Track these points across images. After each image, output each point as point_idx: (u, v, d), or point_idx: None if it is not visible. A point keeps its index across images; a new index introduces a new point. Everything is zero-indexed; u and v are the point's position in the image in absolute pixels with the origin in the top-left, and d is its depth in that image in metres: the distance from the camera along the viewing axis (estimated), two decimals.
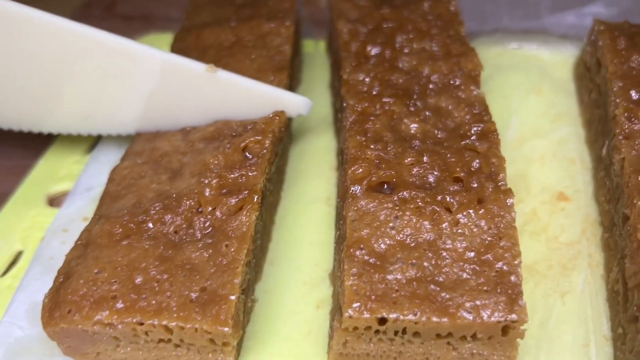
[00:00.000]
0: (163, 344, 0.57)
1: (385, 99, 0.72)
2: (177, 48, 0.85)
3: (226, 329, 0.53)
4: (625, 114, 0.70)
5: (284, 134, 0.75)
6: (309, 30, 1.05)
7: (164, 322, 0.54)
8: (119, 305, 0.55)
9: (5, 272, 0.72)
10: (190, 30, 0.89)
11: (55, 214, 0.77)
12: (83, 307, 0.55)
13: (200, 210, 0.61)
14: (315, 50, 1.03)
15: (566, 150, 0.81)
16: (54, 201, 0.81)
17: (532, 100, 0.88)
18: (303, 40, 1.03)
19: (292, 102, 0.74)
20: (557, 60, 0.95)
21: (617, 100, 0.72)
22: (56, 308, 0.56)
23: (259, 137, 0.67)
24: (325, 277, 0.69)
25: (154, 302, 0.55)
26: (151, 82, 0.74)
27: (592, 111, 0.82)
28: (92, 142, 0.88)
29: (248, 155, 0.66)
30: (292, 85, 0.92)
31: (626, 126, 0.69)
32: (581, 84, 0.88)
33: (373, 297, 0.55)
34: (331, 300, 0.66)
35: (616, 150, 0.68)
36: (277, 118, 0.71)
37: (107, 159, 0.82)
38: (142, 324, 0.54)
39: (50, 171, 0.83)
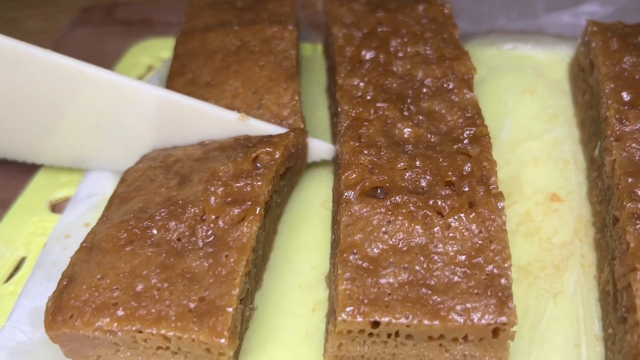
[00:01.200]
0: (161, 350, 0.58)
1: (379, 104, 0.73)
2: (181, 51, 0.86)
3: (222, 340, 0.54)
4: (617, 116, 0.71)
5: (300, 151, 0.76)
6: (306, 33, 1.06)
7: (162, 332, 0.55)
8: (120, 312, 0.56)
9: (8, 279, 0.74)
10: (193, 33, 0.90)
11: (57, 220, 0.79)
12: (85, 313, 0.57)
13: (204, 218, 0.62)
14: (313, 53, 1.05)
15: (560, 151, 0.82)
16: (56, 207, 0.82)
17: (526, 101, 0.89)
18: (301, 43, 1.04)
19: (315, 148, 0.78)
20: (552, 61, 0.95)
21: (609, 102, 0.72)
22: (59, 312, 0.58)
23: (270, 149, 0.68)
24: (322, 280, 0.70)
25: (153, 310, 0.56)
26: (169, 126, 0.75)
27: (586, 112, 0.83)
28: None
29: (258, 165, 0.67)
30: None
31: (617, 128, 0.70)
32: (575, 84, 0.89)
33: (366, 301, 0.57)
34: (327, 303, 0.68)
35: (607, 151, 0.69)
36: (292, 134, 0.72)
37: None
38: (141, 332, 0.56)
39: (52, 177, 0.85)
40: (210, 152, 0.71)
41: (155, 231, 0.62)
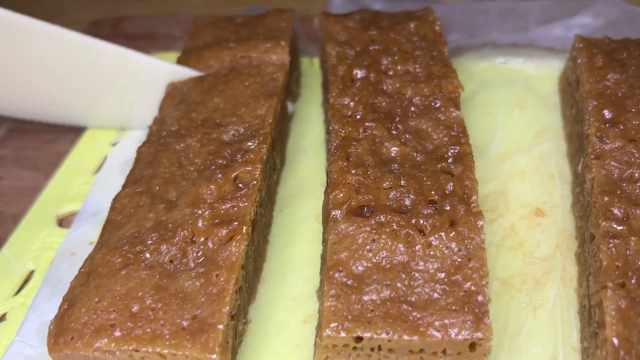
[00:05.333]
0: None
1: (367, 123, 0.76)
2: None
3: (214, 356, 0.58)
4: (597, 134, 0.73)
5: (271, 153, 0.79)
6: (304, 47, 1.09)
7: (158, 349, 0.59)
8: (117, 333, 0.60)
9: (18, 291, 0.78)
10: (191, 52, 0.94)
11: (64, 234, 0.83)
12: (84, 335, 0.60)
13: (193, 240, 0.66)
14: (310, 67, 1.08)
15: (547, 165, 0.84)
16: (63, 221, 0.86)
17: (516, 115, 0.91)
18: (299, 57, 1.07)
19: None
20: (543, 74, 0.98)
21: (591, 120, 0.75)
22: (60, 335, 0.61)
23: (249, 168, 0.71)
24: (313, 293, 0.73)
25: (148, 330, 0.59)
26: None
27: (573, 126, 0.85)
28: (99, 163, 0.93)
29: (240, 185, 0.71)
30: (290, 100, 0.97)
31: (597, 146, 0.72)
32: (564, 98, 0.92)
33: (350, 317, 0.60)
34: (317, 316, 0.71)
35: (588, 169, 0.72)
36: (265, 146, 0.75)
37: (112, 180, 0.87)
38: (137, 350, 0.59)
39: (60, 192, 0.89)
40: (190, 172, 0.73)
41: (148, 255, 0.65)
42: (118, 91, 0.93)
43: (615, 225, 0.63)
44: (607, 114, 0.75)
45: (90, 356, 0.60)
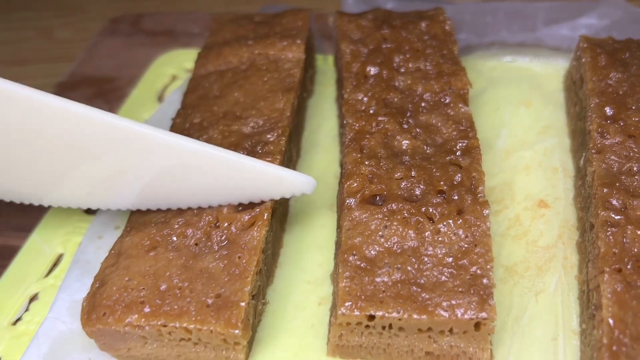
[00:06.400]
0: (184, 342, 0.66)
1: (380, 118, 0.80)
2: (198, 72, 0.94)
3: (236, 331, 0.62)
4: (599, 130, 0.77)
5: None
6: (318, 45, 1.13)
7: (184, 325, 0.63)
8: (146, 309, 0.64)
9: (48, 273, 0.83)
10: (212, 48, 0.98)
11: (91, 219, 0.88)
12: (116, 311, 0.65)
13: (217, 225, 0.70)
14: (325, 64, 1.12)
15: (550, 160, 0.88)
16: (89, 209, 0.91)
17: (522, 112, 0.95)
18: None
19: (297, 181, 0.72)
20: (549, 72, 1.02)
21: (593, 116, 0.79)
22: (93, 311, 0.66)
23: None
24: (327, 277, 0.78)
25: (176, 306, 0.64)
26: (145, 162, 0.70)
27: (576, 123, 0.89)
28: None
29: None
30: (304, 96, 1.01)
31: (598, 141, 0.76)
32: (568, 96, 0.95)
33: (363, 297, 0.64)
34: (331, 298, 0.75)
35: (589, 163, 0.76)
36: (284, 138, 0.79)
37: None
38: (165, 325, 0.63)
39: None
40: None
41: (175, 238, 0.69)
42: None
43: (613, 215, 0.67)
44: (608, 111, 0.79)
45: (121, 331, 0.65)
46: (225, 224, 0.70)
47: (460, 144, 0.77)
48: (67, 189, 0.75)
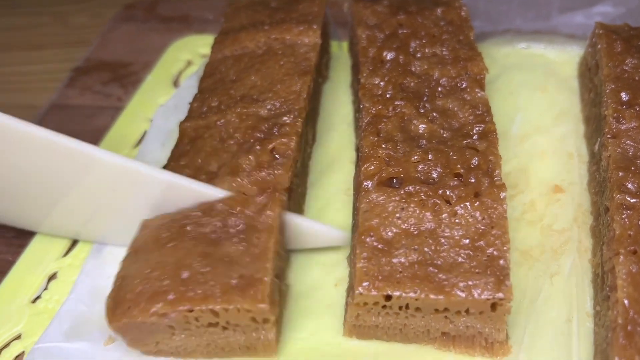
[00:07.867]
0: (212, 328, 0.66)
1: (397, 102, 0.81)
2: (215, 57, 0.95)
3: (263, 305, 0.63)
4: (614, 115, 0.77)
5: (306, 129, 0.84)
6: (333, 31, 1.13)
7: (211, 306, 0.63)
8: (171, 297, 0.64)
9: (67, 252, 0.84)
10: (228, 33, 0.99)
11: None
12: (140, 303, 0.64)
13: (232, 211, 0.71)
14: (339, 50, 1.12)
15: (565, 146, 0.88)
16: None
17: (537, 98, 0.95)
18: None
19: (329, 235, 0.78)
20: (563, 59, 1.02)
21: (608, 102, 0.79)
22: (117, 306, 0.66)
23: (285, 140, 0.76)
24: (343, 260, 0.78)
25: (200, 291, 0.64)
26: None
27: (590, 109, 0.89)
28: (139, 137, 0.99)
29: (276, 156, 0.76)
30: (319, 82, 1.01)
31: (614, 126, 0.76)
32: (583, 82, 0.96)
33: (380, 277, 0.65)
34: (347, 280, 0.76)
35: (604, 147, 0.76)
36: (300, 120, 0.80)
37: (151, 156, 0.93)
38: (191, 310, 0.63)
39: None
40: (229, 145, 0.79)
41: (191, 228, 0.70)
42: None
43: (628, 198, 0.68)
44: (624, 96, 0.79)
45: (148, 322, 0.64)
46: (239, 209, 0.71)
47: (477, 128, 0.77)
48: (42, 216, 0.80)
